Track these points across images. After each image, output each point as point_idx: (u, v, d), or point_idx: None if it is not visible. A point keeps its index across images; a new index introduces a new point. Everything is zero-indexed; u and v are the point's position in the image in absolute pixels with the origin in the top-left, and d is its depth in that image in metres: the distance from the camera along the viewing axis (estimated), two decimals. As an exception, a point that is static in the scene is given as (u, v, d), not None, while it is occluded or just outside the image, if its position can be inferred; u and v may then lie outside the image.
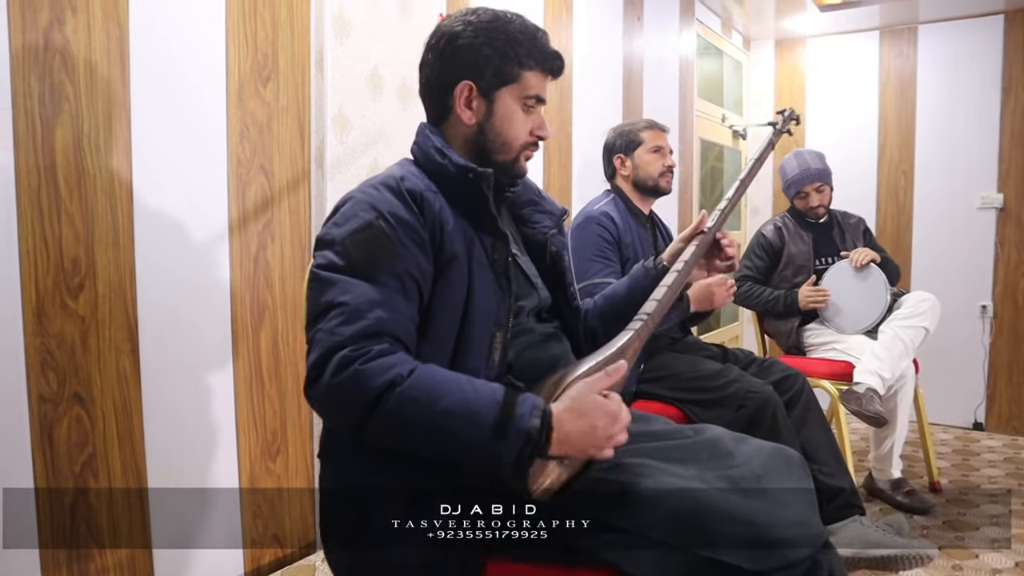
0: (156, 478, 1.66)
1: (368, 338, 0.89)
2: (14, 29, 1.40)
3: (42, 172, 1.44)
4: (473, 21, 1.10)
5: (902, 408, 2.30)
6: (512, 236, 1.18)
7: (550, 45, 1.14)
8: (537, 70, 1.12)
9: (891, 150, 4.61)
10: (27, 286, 1.43)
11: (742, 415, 1.75)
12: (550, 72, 1.14)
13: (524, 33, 1.10)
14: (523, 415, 0.87)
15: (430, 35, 1.18)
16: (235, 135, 1.79)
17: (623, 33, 3.46)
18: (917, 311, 2.33)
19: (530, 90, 1.12)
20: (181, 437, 1.70)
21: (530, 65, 1.10)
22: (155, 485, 1.66)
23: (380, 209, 0.98)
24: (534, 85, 1.12)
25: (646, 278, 1.25)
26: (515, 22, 1.11)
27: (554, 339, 1.13)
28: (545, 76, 1.14)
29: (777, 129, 1.70)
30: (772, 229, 2.65)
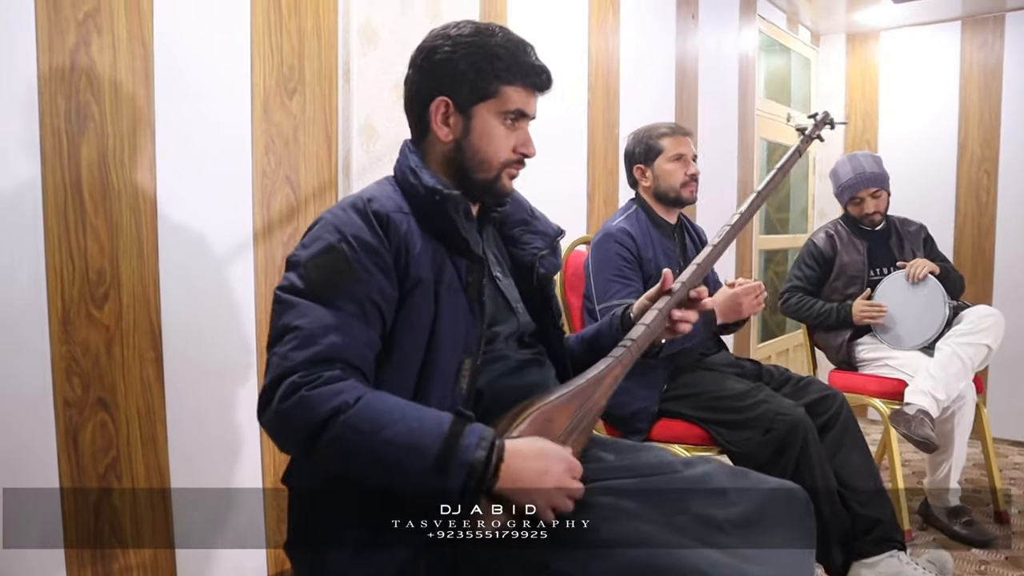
0: (179, 481, 1.70)
1: (319, 364, 0.88)
2: (42, 51, 1.46)
3: (68, 187, 1.50)
4: (452, 35, 1.08)
5: (960, 431, 2.14)
6: (497, 257, 1.14)
7: (535, 59, 1.09)
8: (518, 85, 1.08)
9: (973, 147, 4.32)
10: (53, 296, 1.49)
11: (770, 438, 1.66)
12: (534, 87, 1.10)
13: (505, 47, 1.06)
14: (468, 446, 0.84)
15: (414, 51, 1.16)
16: (260, 147, 1.82)
17: (676, 32, 3.36)
18: (979, 327, 2.16)
19: (510, 105, 1.08)
20: (204, 442, 1.75)
21: (510, 80, 1.07)
22: (179, 487, 1.71)
23: (344, 232, 0.96)
24: (515, 100, 1.08)
25: (610, 330, 1.18)
26: (497, 36, 1.07)
27: (533, 365, 1.09)
28: (530, 91, 1.10)
29: (807, 135, 1.58)
30: (823, 237, 2.51)
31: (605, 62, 2.92)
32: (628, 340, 1.07)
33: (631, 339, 1.07)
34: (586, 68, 2.83)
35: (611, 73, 2.96)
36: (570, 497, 0.88)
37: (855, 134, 4.67)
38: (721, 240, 1.28)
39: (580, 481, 0.91)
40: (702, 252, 1.26)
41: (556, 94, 2.68)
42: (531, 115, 1.13)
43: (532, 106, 1.12)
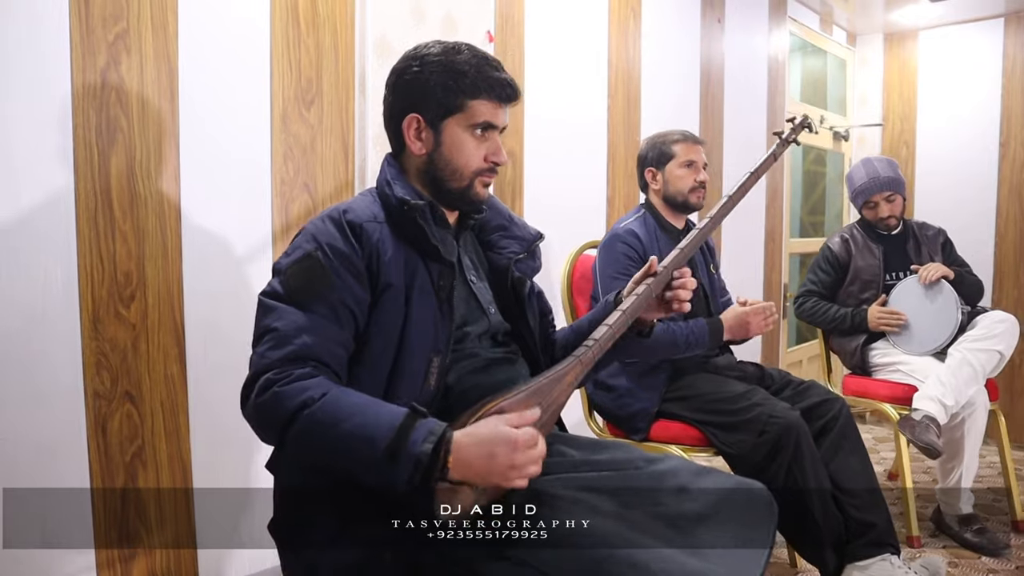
0: (200, 469, 1.82)
1: (292, 362, 0.97)
2: (75, 70, 1.58)
3: (99, 195, 1.63)
4: (421, 55, 1.15)
5: (971, 438, 2.11)
6: (473, 262, 1.21)
7: (500, 73, 1.15)
8: (484, 98, 1.14)
9: (1016, 148, 4.21)
10: (84, 296, 1.62)
11: (764, 440, 1.69)
12: (500, 99, 1.16)
13: (470, 63, 1.13)
14: (415, 440, 0.90)
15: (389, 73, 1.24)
16: (279, 156, 1.93)
17: (700, 36, 3.37)
18: (991, 333, 2.13)
19: (478, 118, 1.14)
20: (224, 434, 1.86)
21: (476, 94, 1.13)
22: (199, 475, 1.82)
23: (320, 241, 1.05)
24: (482, 113, 1.14)
25: (605, 312, 1.24)
26: (463, 53, 1.14)
27: (504, 364, 1.16)
28: (496, 104, 1.16)
29: (783, 139, 1.60)
30: (839, 241, 2.51)
31: (626, 68, 2.96)
32: (591, 340, 1.12)
33: (593, 339, 1.12)
34: (606, 74, 2.88)
35: (632, 78, 2.99)
36: (532, 464, 0.92)
37: (893, 136, 4.59)
38: (688, 244, 1.32)
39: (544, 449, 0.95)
40: (668, 256, 1.30)
41: (575, 100, 2.75)
42: (500, 126, 1.18)
43: (500, 117, 1.17)
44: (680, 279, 1.23)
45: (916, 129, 4.52)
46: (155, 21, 1.69)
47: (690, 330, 1.83)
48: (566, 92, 2.72)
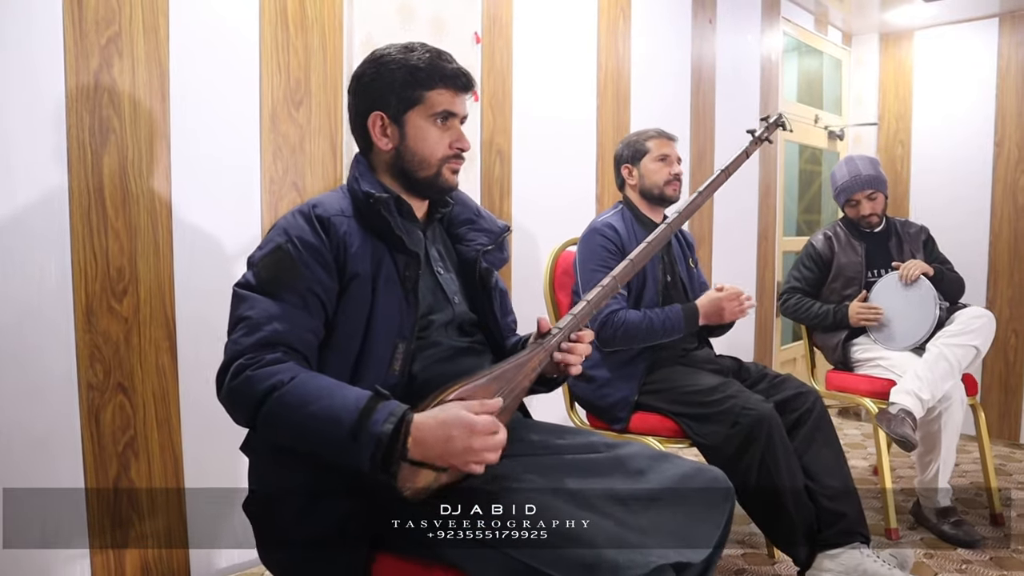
0: (191, 457, 1.87)
1: (263, 348, 1.02)
2: (69, 72, 1.64)
3: (92, 193, 1.68)
4: (377, 57, 1.21)
5: (947, 432, 2.15)
6: (441, 254, 1.26)
7: (452, 64, 1.21)
8: (441, 88, 1.19)
9: (1010, 147, 4.22)
10: (78, 290, 1.68)
11: (736, 432, 1.72)
12: (456, 88, 1.21)
13: (422, 59, 1.18)
14: (377, 420, 0.95)
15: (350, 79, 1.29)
16: (268, 155, 1.98)
17: (692, 37, 3.41)
18: (968, 328, 2.17)
19: (437, 107, 1.19)
20: (214, 424, 1.91)
21: (432, 85, 1.19)
22: (190, 463, 1.88)
23: (290, 234, 1.11)
24: (440, 102, 1.19)
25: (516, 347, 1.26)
26: (416, 51, 1.20)
27: (469, 353, 1.20)
28: (454, 92, 1.21)
29: (756, 137, 1.63)
30: (822, 239, 2.54)
31: (615, 68, 3.00)
32: (556, 328, 1.17)
33: (558, 327, 1.16)
34: (595, 74, 2.92)
35: (621, 78, 3.04)
36: (489, 450, 0.97)
37: (888, 135, 4.62)
38: (656, 238, 1.36)
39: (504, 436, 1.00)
40: (636, 249, 1.34)
41: (564, 99, 2.80)
42: (460, 113, 1.23)
43: (458, 105, 1.22)
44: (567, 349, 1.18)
45: (911, 128, 4.54)
46: (147, 24, 1.75)
47: (666, 315, 1.88)
48: (555, 91, 2.77)
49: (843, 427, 3.54)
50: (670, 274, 2.06)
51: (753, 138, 1.61)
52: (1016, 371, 4.24)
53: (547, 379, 1.27)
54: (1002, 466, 2.93)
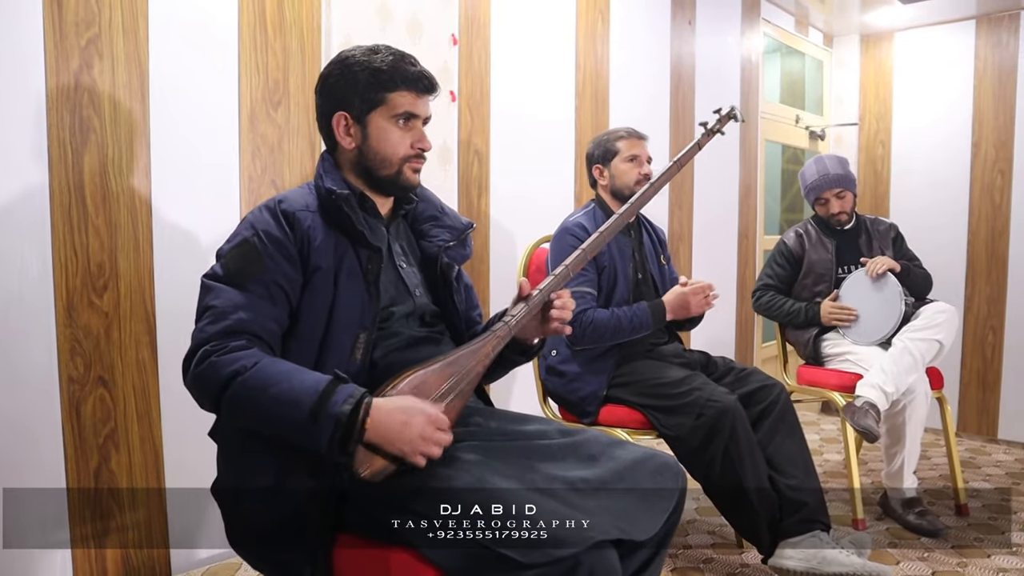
0: (171, 451, 1.92)
1: (228, 335, 1.07)
2: (49, 73, 1.68)
3: (72, 191, 1.73)
4: (343, 59, 1.25)
5: (912, 424, 2.20)
6: (404, 249, 1.31)
7: (416, 67, 1.25)
8: (403, 90, 1.24)
9: (987, 148, 4.29)
10: (59, 285, 1.72)
11: (701, 423, 1.77)
12: (418, 90, 1.25)
13: (386, 61, 1.23)
14: (336, 402, 1.00)
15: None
16: (247, 155, 2.03)
17: (671, 38, 3.46)
18: (931, 323, 2.22)
19: (399, 109, 1.24)
20: (195, 417, 1.95)
21: (395, 87, 1.23)
22: (170, 456, 1.92)
23: (256, 228, 1.15)
24: (402, 104, 1.24)
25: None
26: (380, 53, 1.24)
27: (428, 343, 1.25)
28: (416, 94, 1.25)
29: (709, 129, 1.67)
30: (793, 236, 2.60)
31: (594, 69, 3.05)
32: (509, 316, 1.22)
33: (512, 315, 1.21)
34: (573, 75, 2.97)
35: (600, 79, 3.09)
36: (436, 444, 1.03)
37: (869, 135, 4.68)
38: (608, 227, 1.40)
39: (451, 438, 1.06)
40: (589, 239, 1.38)
41: (542, 100, 2.84)
42: (422, 115, 1.27)
43: (421, 107, 1.27)
44: (557, 302, 1.28)
45: (892, 129, 4.60)
46: (126, 26, 1.79)
47: (633, 313, 1.93)
48: (533, 92, 2.82)
49: (820, 422, 3.60)
50: (641, 271, 2.10)
51: (705, 130, 1.65)
52: (994, 368, 4.31)
53: (525, 348, 1.33)
54: (972, 459, 2.99)
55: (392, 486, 1.04)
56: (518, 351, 1.31)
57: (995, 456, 3.03)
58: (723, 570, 2.01)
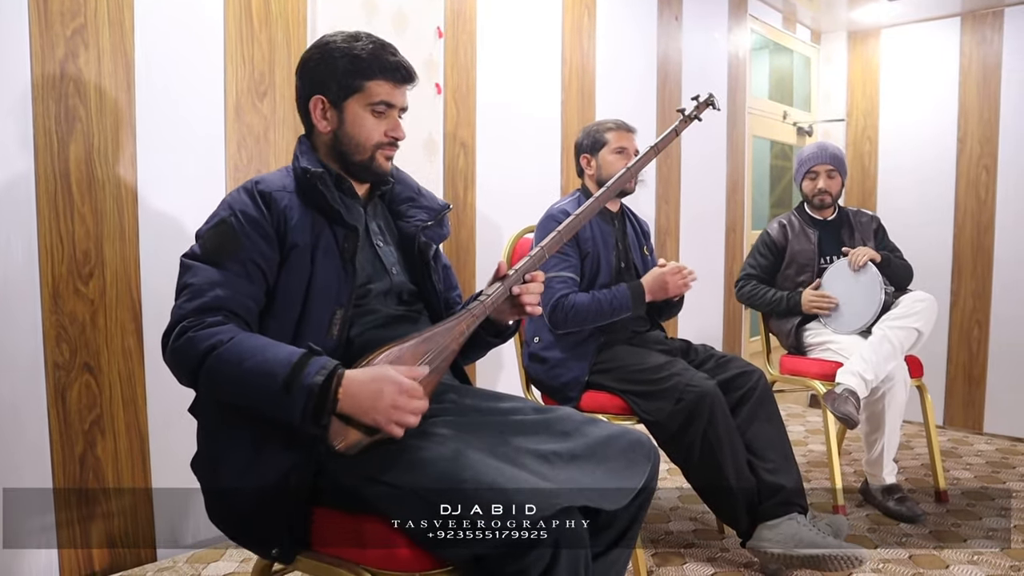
0: (157, 439, 1.93)
1: (205, 312, 1.09)
2: (35, 62, 1.70)
3: (58, 179, 1.74)
4: (324, 44, 1.27)
5: (891, 412, 2.23)
6: (381, 228, 1.33)
7: (395, 57, 1.27)
8: (381, 79, 1.26)
9: (972, 144, 4.34)
10: (45, 272, 1.73)
11: (681, 408, 1.80)
12: (396, 80, 1.27)
13: (366, 49, 1.25)
14: (308, 374, 1.02)
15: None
16: (233, 144, 2.05)
17: (657, 34, 3.49)
18: (910, 311, 2.25)
19: (375, 97, 1.26)
20: (180, 404, 1.97)
21: (372, 75, 1.25)
22: (156, 444, 1.94)
23: (234, 208, 1.18)
24: (379, 93, 1.26)
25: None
26: (361, 40, 1.26)
27: (405, 321, 1.27)
28: (393, 84, 1.27)
29: (686, 116, 1.69)
30: (777, 227, 2.63)
31: (580, 63, 3.08)
32: (483, 295, 1.24)
33: (486, 294, 1.24)
34: (559, 69, 3.00)
35: (586, 74, 3.11)
36: (411, 413, 1.04)
37: (856, 131, 4.72)
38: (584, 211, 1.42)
39: (425, 414, 1.08)
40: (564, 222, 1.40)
41: (528, 94, 2.87)
42: (398, 105, 1.29)
43: (397, 97, 1.28)
44: (524, 288, 1.26)
45: (879, 125, 4.65)
46: (112, 17, 1.81)
47: (613, 295, 1.95)
48: (519, 86, 2.84)
49: (807, 414, 3.63)
50: (624, 260, 2.13)
51: (683, 117, 1.67)
52: (979, 361, 4.35)
53: (499, 329, 1.34)
54: (954, 449, 3.03)
55: (365, 459, 1.06)
56: (492, 332, 1.33)
57: (977, 446, 3.06)
58: (704, 555, 2.03)
